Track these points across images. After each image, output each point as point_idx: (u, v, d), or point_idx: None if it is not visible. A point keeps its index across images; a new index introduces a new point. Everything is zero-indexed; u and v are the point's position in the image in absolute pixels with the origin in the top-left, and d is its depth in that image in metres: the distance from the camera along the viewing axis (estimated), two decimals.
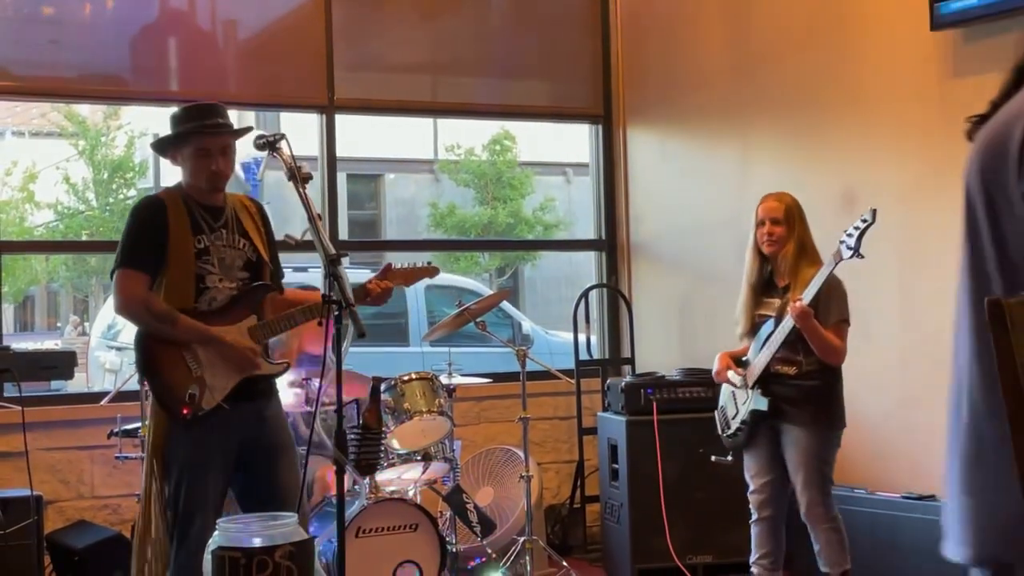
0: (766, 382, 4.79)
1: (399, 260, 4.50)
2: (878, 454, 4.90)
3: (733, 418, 4.98)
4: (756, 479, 4.96)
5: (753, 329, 4.90)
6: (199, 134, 4.07)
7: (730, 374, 4.95)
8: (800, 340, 4.69)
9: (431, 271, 4.65)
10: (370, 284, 4.27)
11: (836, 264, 4.54)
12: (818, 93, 6.02)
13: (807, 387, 4.74)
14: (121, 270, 4.04)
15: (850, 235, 4.51)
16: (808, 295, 4.58)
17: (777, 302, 4.83)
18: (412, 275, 4.55)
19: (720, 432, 5.09)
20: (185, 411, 3.94)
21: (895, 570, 5.15)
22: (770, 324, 4.80)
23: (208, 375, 3.97)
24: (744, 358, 4.99)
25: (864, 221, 4.50)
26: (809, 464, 4.74)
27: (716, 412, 5.14)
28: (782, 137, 6.32)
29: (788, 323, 4.65)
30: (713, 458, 5.15)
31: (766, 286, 4.92)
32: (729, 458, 5.06)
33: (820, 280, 4.57)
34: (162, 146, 4.23)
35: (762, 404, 4.77)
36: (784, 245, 4.81)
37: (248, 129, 4.24)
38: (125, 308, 4.05)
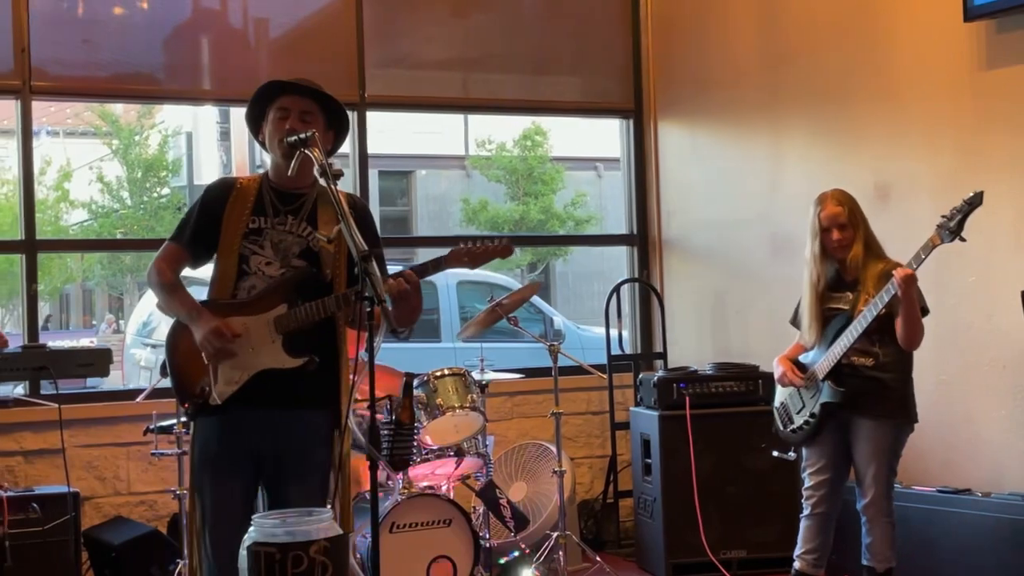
0: (839, 374, 4.76)
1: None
2: (913, 448, 4.87)
3: (798, 412, 4.93)
4: (815, 475, 4.91)
5: (822, 328, 4.85)
6: (280, 92, 3.94)
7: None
8: (877, 331, 4.65)
9: (503, 250, 4.05)
10: (388, 282, 3.74)
11: (933, 249, 4.40)
12: (850, 86, 5.99)
13: (884, 379, 4.71)
14: (165, 242, 4.06)
15: (949, 218, 4.37)
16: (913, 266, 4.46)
17: (848, 296, 4.78)
18: (480, 256, 4.01)
19: (781, 428, 5.04)
20: (186, 405, 3.91)
21: (930, 566, 5.12)
22: (841, 318, 4.76)
23: (221, 366, 3.83)
24: (801, 358, 4.96)
25: (968, 203, 4.34)
26: (881, 458, 4.71)
27: (775, 408, 5.10)
28: (814, 130, 6.29)
29: (870, 312, 4.58)
30: (775, 454, 5.12)
31: (833, 283, 4.88)
32: (792, 454, 5.03)
33: (918, 264, 4.45)
34: (254, 118, 4.01)
35: (836, 396, 4.74)
36: (853, 247, 4.79)
37: (333, 100, 4.00)
38: (147, 274, 4.07)
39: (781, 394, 5.08)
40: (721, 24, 6.96)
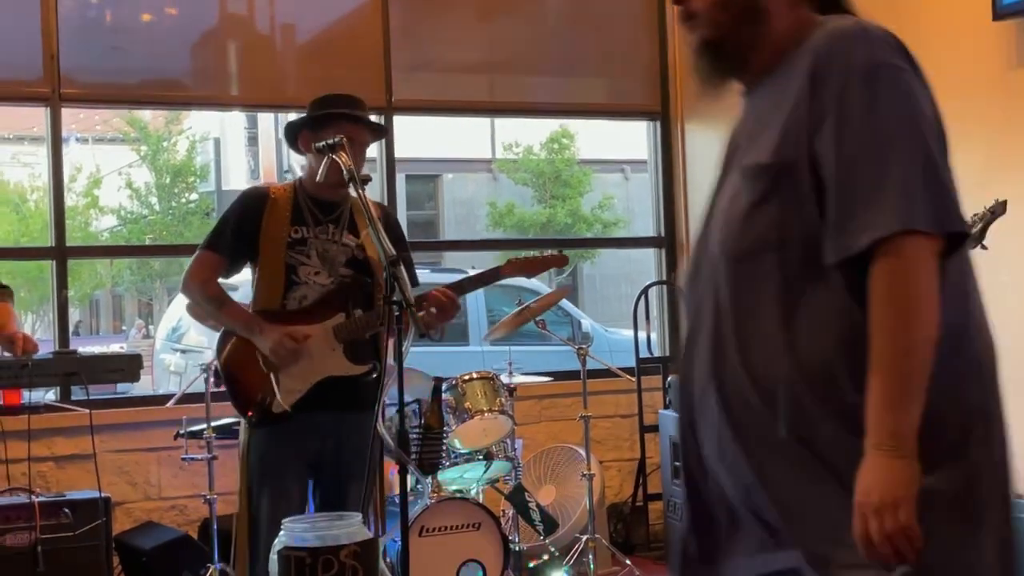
0: None
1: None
2: None
3: None
4: None
5: None
6: (351, 122, 3.97)
7: None
8: None
9: (558, 260, 4.30)
10: (432, 292, 3.96)
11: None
12: None
13: None
14: (199, 251, 4.07)
15: (971, 225, 4.22)
16: None
17: None
18: (534, 266, 4.25)
19: None
20: (249, 413, 3.94)
21: None
22: None
23: (283, 375, 3.89)
24: None
25: (991, 212, 4.25)
26: None
27: None
28: None
29: None
30: None
31: None
32: None
33: None
34: (297, 128, 4.06)
35: None
36: None
37: (384, 131, 4.30)
38: (183, 284, 4.08)
39: None
40: None
